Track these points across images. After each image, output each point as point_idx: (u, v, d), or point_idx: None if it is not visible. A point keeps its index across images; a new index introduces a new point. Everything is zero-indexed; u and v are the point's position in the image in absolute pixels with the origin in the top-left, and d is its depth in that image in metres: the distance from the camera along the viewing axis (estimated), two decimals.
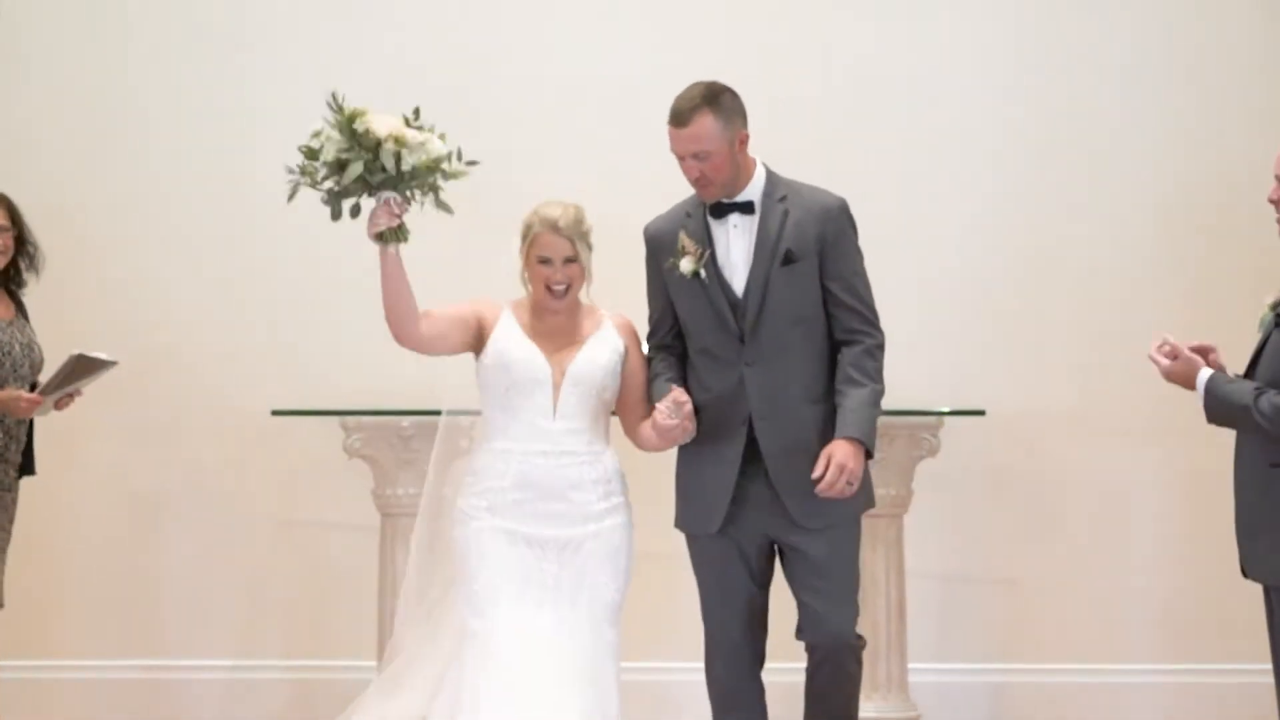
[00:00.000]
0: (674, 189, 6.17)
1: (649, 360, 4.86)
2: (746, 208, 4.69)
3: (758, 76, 6.84)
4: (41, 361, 6.01)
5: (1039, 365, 6.89)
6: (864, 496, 4.69)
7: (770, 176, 4.75)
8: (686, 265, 4.64)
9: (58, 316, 6.45)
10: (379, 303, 6.75)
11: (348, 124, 4.38)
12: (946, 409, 6.50)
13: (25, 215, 6.14)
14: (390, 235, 4.53)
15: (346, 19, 7.11)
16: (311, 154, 4.43)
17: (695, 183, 4.65)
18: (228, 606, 7.05)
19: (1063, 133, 6.95)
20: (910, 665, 6.45)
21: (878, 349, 4.69)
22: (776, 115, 6.74)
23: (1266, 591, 4.77)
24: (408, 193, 4.48)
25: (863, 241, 4.82)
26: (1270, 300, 4.86)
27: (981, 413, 6.63)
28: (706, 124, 4.62)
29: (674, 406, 4.55)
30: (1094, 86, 7.00)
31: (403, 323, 4.58)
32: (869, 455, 4.62)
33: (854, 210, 4.71)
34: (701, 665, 4.73)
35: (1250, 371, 4.74)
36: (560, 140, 7.04)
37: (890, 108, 6.96)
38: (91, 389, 6.25)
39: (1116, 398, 6.80)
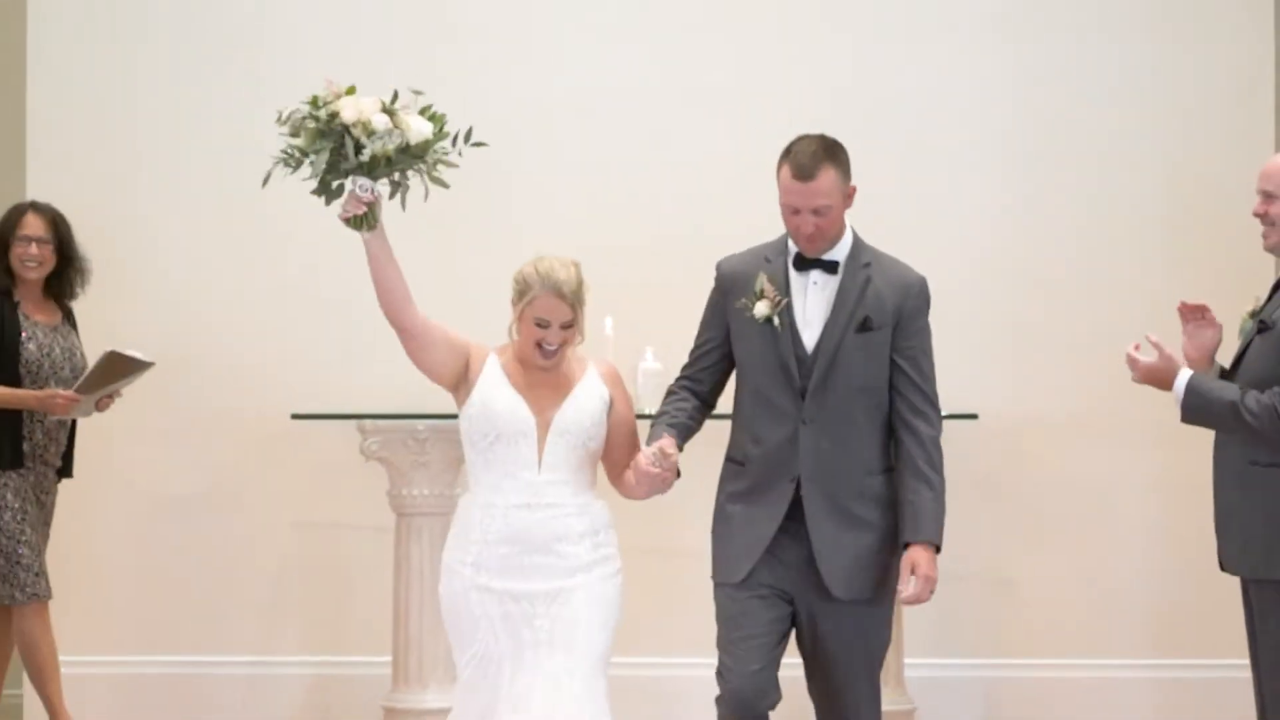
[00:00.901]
0: (666, 209, 6.31)
1: (667, 393, 4.68)
2: (830, 267, 4.52)
3: (762, 93, 7.03)
4: (83, 367, 6.13)
5: (1029, 372, 6.95)
6: (897, 577, 4.49)
7: (857, 240, 4.58)
8: (762, 309, 4.46)
9: (81, 326, 6.48)
10: None
11: (315, 108, 4.24)
12: (941, 413, 6.60)
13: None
14: (355, 222, 4.35)
15: (367, 29, 7.15)
16: (295, 133, 4.28)
17: (808, 238, 4.45)
18: (248, 604, 7.08)
19: (1055, 146, 7.03)
20: (906, 660, 6.53)
21: (938, 436, 4.55)
22: (779, 129, 6.94)
23: (1244, 585, 4.90)
24: (381, 179, 4.31)
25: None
26: (1250, 309, 4.99)
27: (974, 417, 6.69)
28: (831, 178, 4.45)
29: (659, 455, 4.36)
30: (1086, 102, 7.06)
31: (389, 304, 4.49)
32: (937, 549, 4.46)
33: (853, 221, 4.63)
34: (698, 660, 4.77)
35: (1230, 376, 4.87)
36: (562, 156, 7.08)
37: (889, 122, 7.01)
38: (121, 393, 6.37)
39: (1103, 402, 6.83)
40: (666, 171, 7.07)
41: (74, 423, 6.17)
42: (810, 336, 4.47)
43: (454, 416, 4.58)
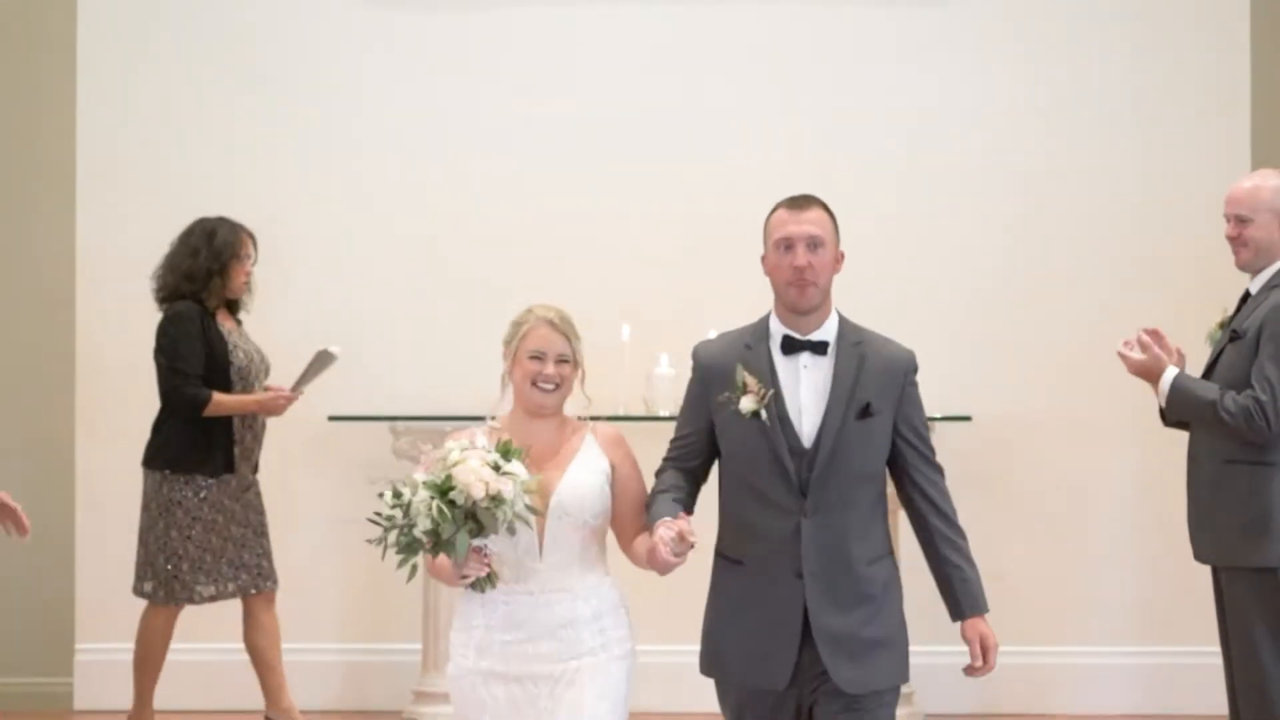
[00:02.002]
0: (680, 222, 6.33)
1: (659, 471, 4.25)
2: (820, 348, 4.08)
3: (766, 115, 7.21)
4: (268, 366, 6.38)
5: (1021, 377, 7.11)
6: (904, 668, 4.19)
7: (844, 319, 4.16)
8: (747, 405, 4.04)
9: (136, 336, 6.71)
10: (428, 319, 6.97)
11: (443, 495, 3.95)
12: (938, 415, 6.58)
13: (123, 239, 6.51)
14: (480, 584, 4.09)
15: (387, 58, 7.32)
16: (403, 513, 3.99)
17: (800, 274, 4.05)
18: (288, 593, 6.89)
19: (1044, 167, 7.20)
20: None
21: (952, 507, 4.20)
22: (784, 146, 7.10)
23: (1215, 574, 5.19)
24: (506, 522, 3.97)
25: (863, 271, 4.85)
26: (1219, 319, 5.31)
27: (968, 419, 6.88)
28: (824, 215, 4.11)
29: (679, 543, 3.94)
30: (1072, 126, 7.23)
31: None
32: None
33: (855, 239, 4.46)
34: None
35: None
36: (579, 173, 7.24)
37: (887, 143, 7.18)
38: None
39: (1090, 405, 7.03)
40: (679, 187, 7.24)
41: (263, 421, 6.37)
42: (809, 426, 4.06)
43: (480, 418, 4.43)
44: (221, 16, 7.43)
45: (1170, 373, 5.15)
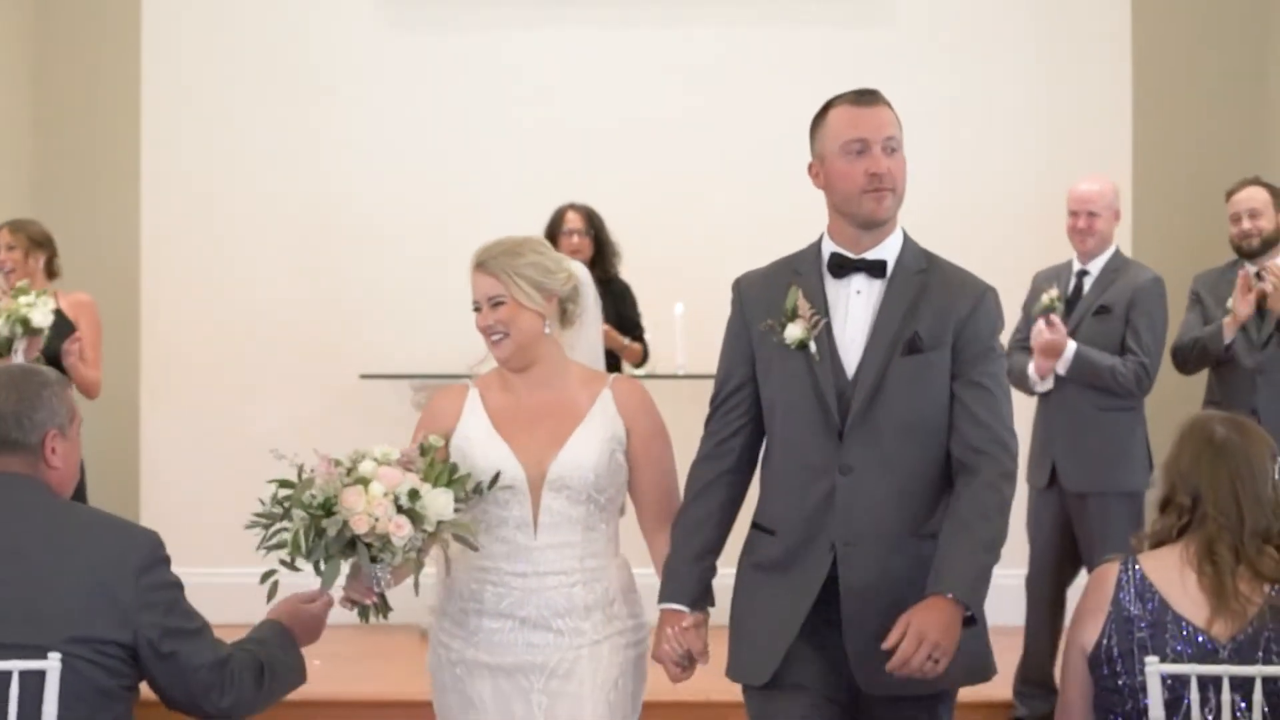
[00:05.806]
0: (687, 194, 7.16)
1: (693, 468, 3.51)
2: (876, 269, 3.43)
3: (745, 104, 7.81)
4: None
5: None
6: (962, 668, 3.32)
7: (910, 240, 3.50)
8: (794, 333, 3.39)
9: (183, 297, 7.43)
10: (446, 288, 6.96)
11: (322, 516, 3.39)
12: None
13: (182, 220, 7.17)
14: (365, 612, 3.42)
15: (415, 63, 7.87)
16: (282, 512, 3.45)
17: (878, 180, 3.40)
18: None
19: (952, 166, 7.71)
20: None
21: (1005, 480, 3.33)
22: (737, 142, 7.66)
23: (1062, 499, 5.89)
24: (392, 565, 3.35)
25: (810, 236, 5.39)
26: (1053, 295, 5.97)
27: None
28: (892, 114, 3.48)
29: (685, 657, 3.44)
30: (983, 129, 7.85)
31: None
32: (971, 620, 3.23)
33: (804, 214, 3.99)
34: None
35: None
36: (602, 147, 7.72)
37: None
38: (216, 362, 7.29)
39: None
40: (690, 156, 7.74)
41: None
42: (851, 360, 3.40)
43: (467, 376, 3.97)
44: (274, 24, 7.90)
45: (1072, 346, 5.84)
